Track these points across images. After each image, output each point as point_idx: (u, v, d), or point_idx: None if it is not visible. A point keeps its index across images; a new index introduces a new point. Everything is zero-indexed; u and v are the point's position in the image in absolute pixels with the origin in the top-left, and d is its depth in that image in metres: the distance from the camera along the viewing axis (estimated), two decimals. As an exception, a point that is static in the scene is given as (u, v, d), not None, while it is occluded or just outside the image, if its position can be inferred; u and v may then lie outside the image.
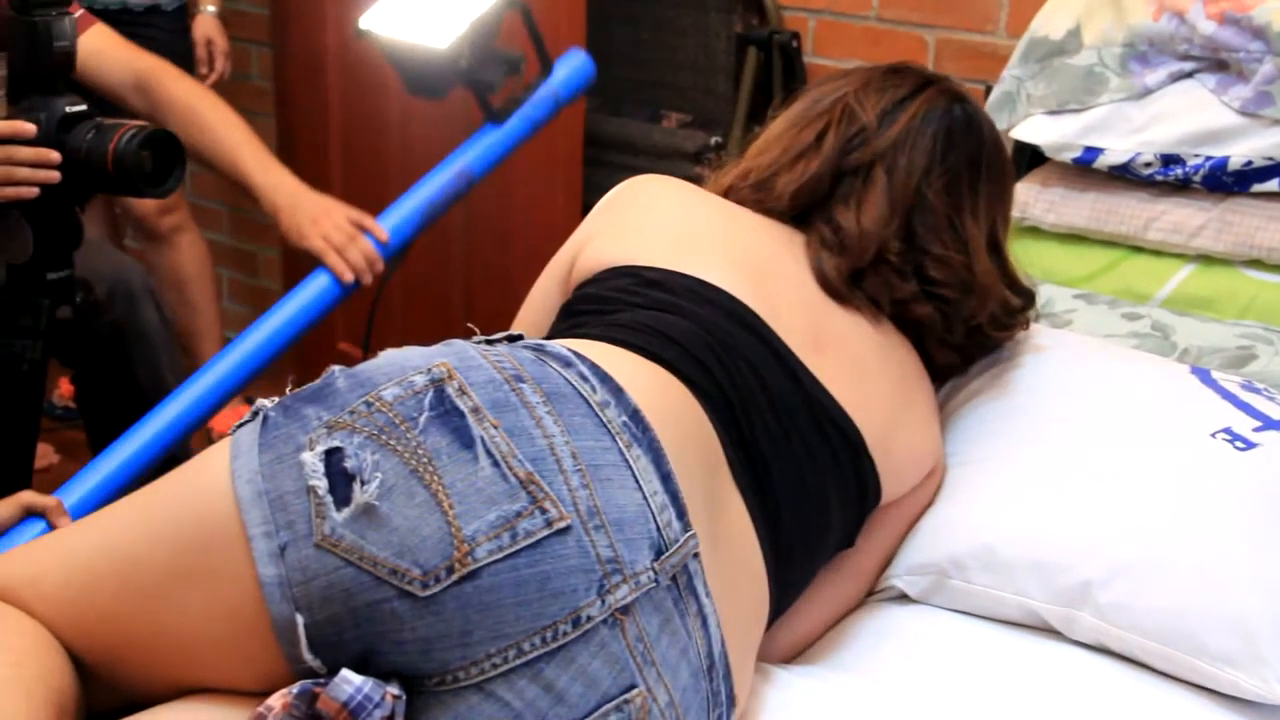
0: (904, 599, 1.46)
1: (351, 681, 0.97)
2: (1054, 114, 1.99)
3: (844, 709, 1.26)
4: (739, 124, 2.57)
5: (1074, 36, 2.00)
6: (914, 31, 2.44)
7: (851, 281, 1.43)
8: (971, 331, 1.52)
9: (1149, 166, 1.90)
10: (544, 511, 1.01)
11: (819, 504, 1.31)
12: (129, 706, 1.06)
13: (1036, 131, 1.98)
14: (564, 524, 1.01)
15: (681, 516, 1.09)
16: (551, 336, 1.34)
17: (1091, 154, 1.93)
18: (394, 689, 0.98)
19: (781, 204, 1.47)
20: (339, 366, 1.12)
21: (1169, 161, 1.88)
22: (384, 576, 0.98)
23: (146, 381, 2.26)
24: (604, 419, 1.09)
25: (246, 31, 3.37)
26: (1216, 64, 1.89)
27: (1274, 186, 1.84)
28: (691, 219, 1.44)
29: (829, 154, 1.46)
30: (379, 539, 0.99)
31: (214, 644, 1.03)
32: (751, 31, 2.60)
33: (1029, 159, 2.10)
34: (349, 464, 1.01)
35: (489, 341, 1.20)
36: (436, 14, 1.90)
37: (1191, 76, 1.91)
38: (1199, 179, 1.87)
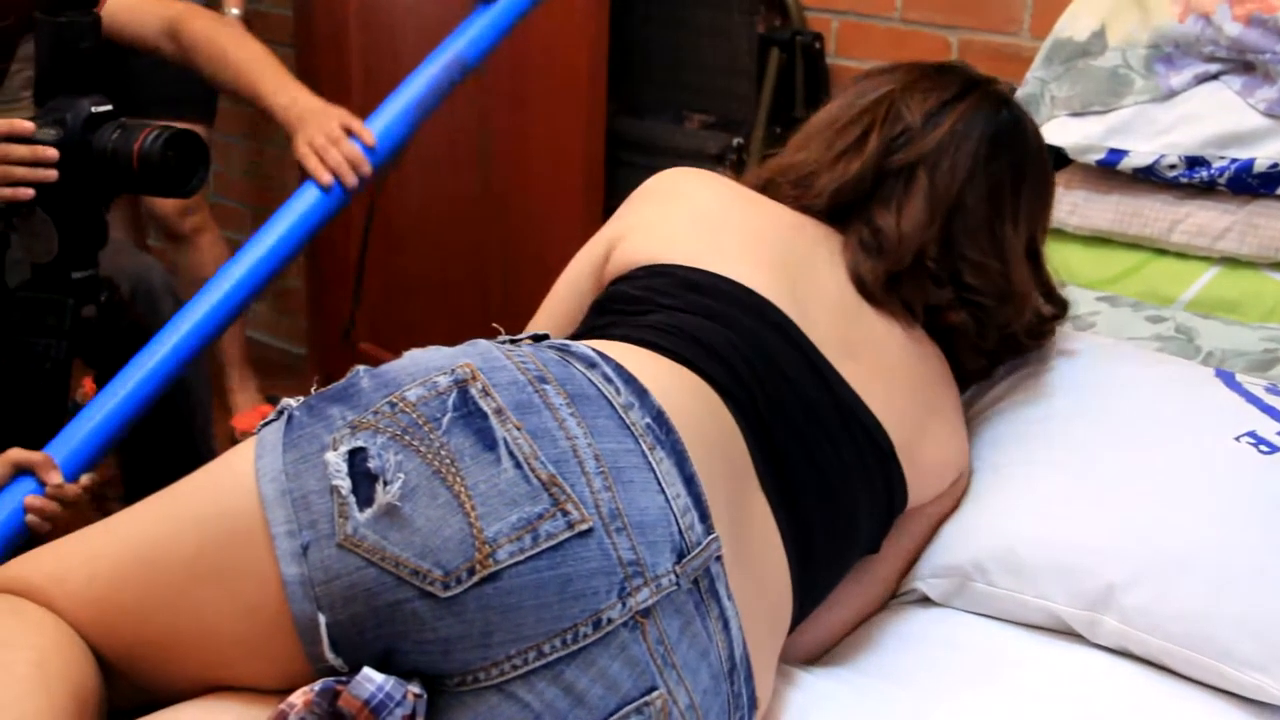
0: (926, 602, 1.46)
1: (373, 680, 0.97)
2: (1078, 116, 1.98)
3: (866, 711, 1.26)
4: (761, 125, 2.57)
5: (1098, 38, 1.99)
6: (937, 33, 2.43)
7: (887, 285, 1.42)
8: (1004, 339, 1.51)
9: (1174, 169, 1.89)
10: (566, 514, 1.01)
11: (847, 511, 1.31)
12: (151, 704, 1.06)
13: (1060, 133, 1.97)
14: (585, 526, 1.01)
15: (704, 519, 1.08)
16: (581, 334, 1.34)
17: (1116, 156, 1.92)
18: (415, 688, 0.99)
19: (821, 203, 1.45)
20: (364, 366, 1.12)
21: (1194, 164, 1.87)
22: (405, 577, 0.98)
23: None
24: (627, 421, 1.08)
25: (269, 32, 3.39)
26: (1243, 66, 1.88)
27: (1300, 189, 1.83)
28: (729, 216, 1.42)
29: (871, 154, 1.44)
30: (401, 539, 0.99)
31: (236, 642, 1.03)
32: (774, 32, 2.59)
33: (1053, 161, 2.09)
34: (372, 464, 1.01)
35: (514, 341, 1.19)
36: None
37: (1217, 78, 1.90)
38: (1224, 181, 1.86)
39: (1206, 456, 1.43)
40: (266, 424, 1.10)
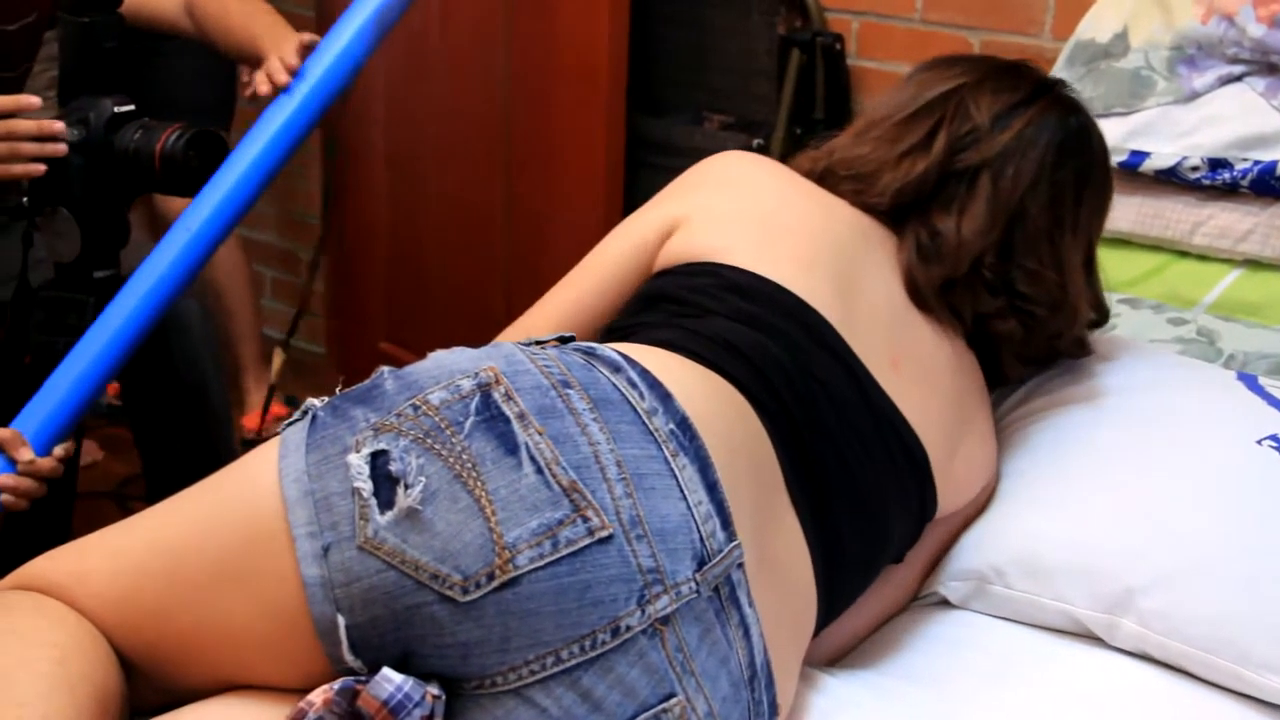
0: (946, 605, 1.46)
1: (392, 680, 0.97)
2: (1100, 117, 1.96)
3: (887, 713, 1.26)
4: (781, 126, 2.56)
5: (1121, 39, 1.98)
6: (958, 34, 2.43)
7: (940, 291, 1.40)
8: (1050, 349, 1.50)
9: (1196, 170, 1.88)
10: (586, 520, 1.01)
11: (878, 521, 1.30)
12: (171, 703, 1.07)
13: (1082, 135, 1.97)
14: (606, 533, 1.01)
15: (726, 526, 1.08)
16: (616, 328, 1.33)
17: (1138, 158, 1.92)
18: (434, 689, 0.99)
19: (883, 203, 1.43)
20: (388, 367, 1.12)
21: (1216, 165, 1.87)
22: (425, 581, 0.98)
23: (187, 376, 2.28)
24: (650, 426, 1.08)
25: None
26: (1266, 67, 1.87)
27: (1323, 192, 1.82)
28: (789, 213, 1.39)
29: (938, 154, 1.42)
30: (421, 543, 0.99)
31: (256, 642, 1.03)
32: (794, 33, 2.59)
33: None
34: (394, 467, 1.01)
35: (539, 343, 1.19)
36: None
37: (1240, 80, 1.89)
38: (1247, 183, 1.85)
39: (1227, 460, 1.42)
40: (291, 424, 1.10)
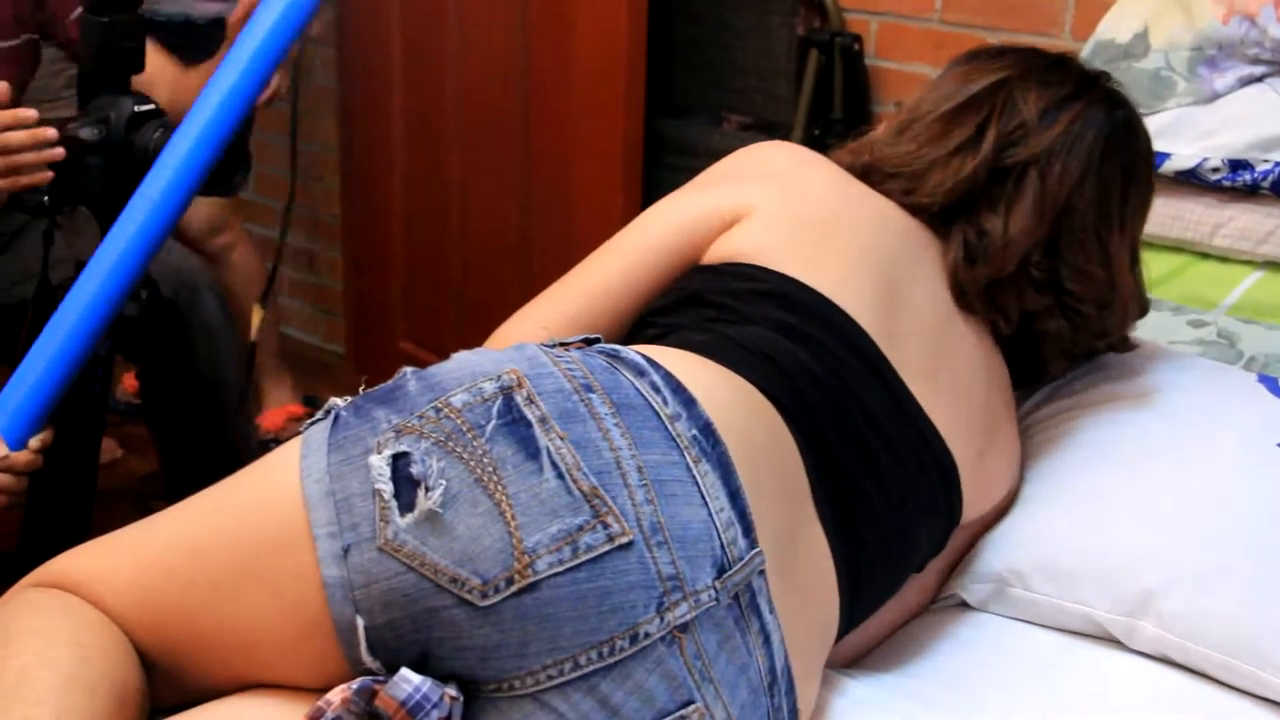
0: (964, 607, 1.45)
1: (410, 681, 0.97)
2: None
3: (906, 715, 1.25)
4: (800, 127, 2.56)
5: (1141, 40, 1.98)
6: (978, 34, 2.42)
7: (986, 291, 1.39)
8: (1098, 346, 1.49)
9: (1216, 172, 1.87)
10: (606, 526, 1.00)
11: (906, 535, 1.30)
12: (189, 701, 1.07)
13: (1102, 136, 1.96)
14: (626, 539, 1.00)
15: (748, 533, 1.07)
16: (651, 326, 1.32)
17: (1158, 159, 1.91)
18: (452, 690, 0.99)
19: (934, 203, 1.41)
20: (411, 368, 1.12)
21: (1237, 167, 1.86)
22: (444, 584, 0.98)
23: (208, 374, 2.29)
24: (673, 432, 1.07)
25: None
26: (1287, 68, 1.87)
27: (1345, 193, 1.82)
28: (838, 216, 1.37)
29: (988, 152, 1.40)
30: (440, 546, 0.99)
31: (276, 641, 1.04)
32: (813, 33, 2.58)
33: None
34: (415, 469, 1.01)
35: (563, 344, 1.18)
36: None
37: (1261, 81, 1.89)
38: (1268, 185, 1.84)
39: (1248, 462, 1.42)
40: (314, 423, 1.10)
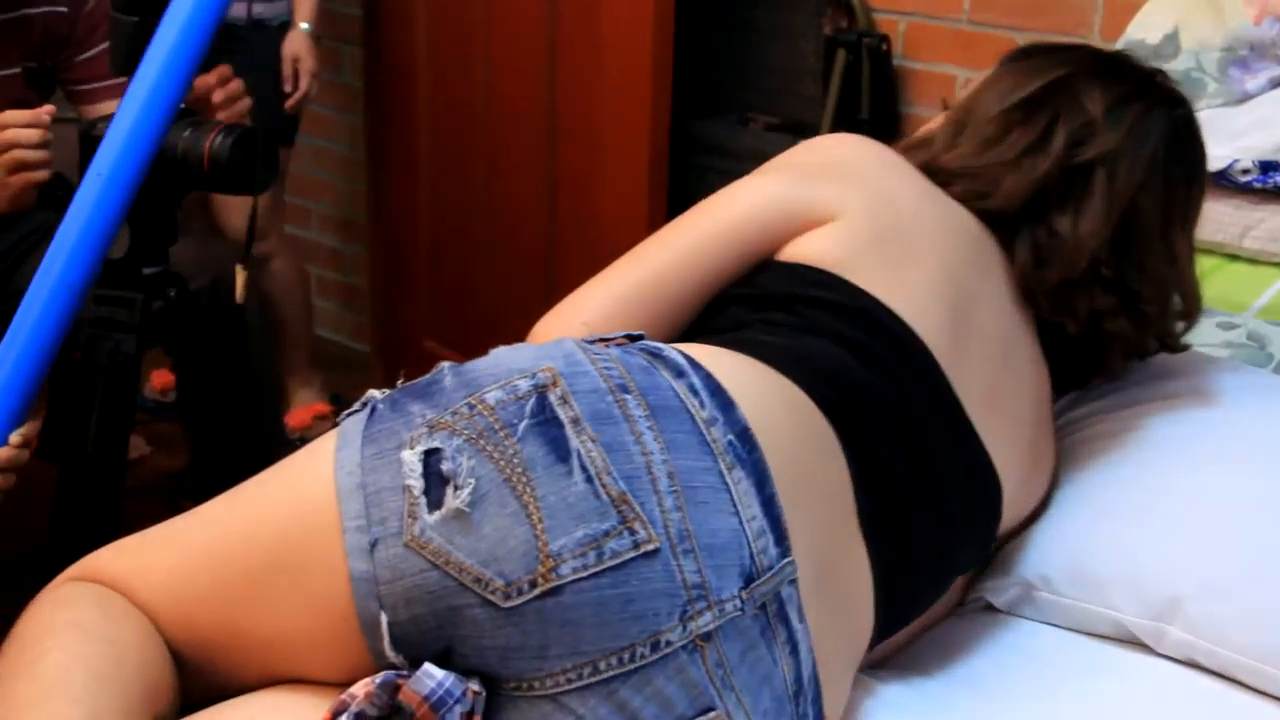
0: (991, 609, 1.45)
1: (434, 676, 0.97)
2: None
3: (931, 717, 1.25)
4: (827, 127, 2.56)
5: (1171, 40, 1.97)
6: (1006, 34, 2.41)
7: (1056, 294, 1.38)
8: (1157, 345, 1.49)
9: (1247, 174, 1.86)
10: (633, 532, 0.99)
11: (947, 554, 1.30)
12: (216, 697, 1.08)
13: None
14: (652, 547, 0.99)
15: (780, 542, 1.06)
16: (720, 317, 1.30)
17: (1187, 160, 1.90)
18: (475, 685, 0.99)
19: (1007, 208, 1.39)
20: (449, 363, 1.11)
21: (1267, 169, 1.85)
22: (468, 584, 0.98)
23: (243, 371, 2.31)
24: (708, 437, 1.05)
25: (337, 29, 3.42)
26: (1319, 70, 1.86)
27: (1376, 195, 1.80)
28: (918, 226, 1.34)
29: (1059, 152, 1.38)
30: (466, 545, 0.99)
31: (305, 635, 1.04)
32: (841, 34, 2.58)
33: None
34: (445, 466, 1.01)
35: (604, 340, 1.16)
36: None
37: (1293, 82, 1.88)
38: (1298, 187, 1.83)
39: (1276, 468, 1.41)
40: (350, 414, 1.10)
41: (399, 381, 1.12)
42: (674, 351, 1.13)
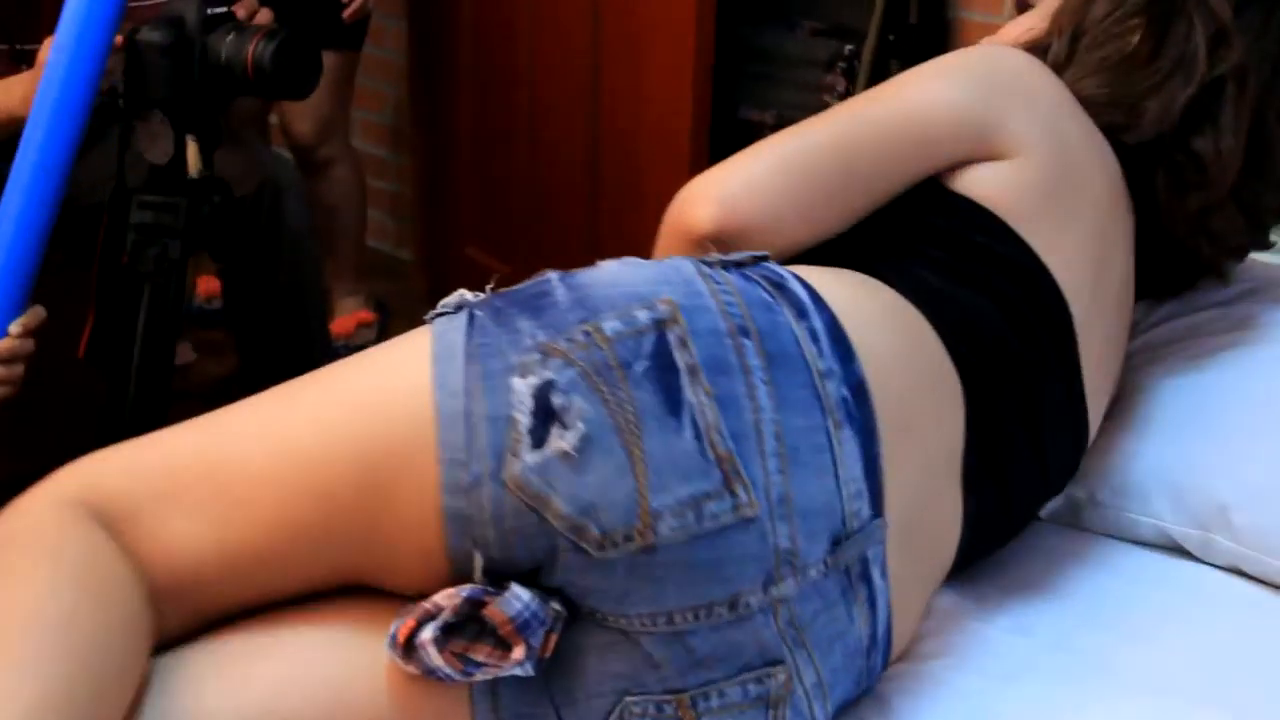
0: (1036, 519, 1.44)
1: (521, 598, 0.95)
2: None
3: (979, 623, 1.25)
4: (874, 33, 2.52)
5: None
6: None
7: (1198, 221, 1.32)
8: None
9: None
10: (734, 496, 0.96)
11: (1037, 508, 1.32)
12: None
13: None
14: (751, 513, 0.97)
15: (874, 503, 1.04)
16: (870, 235, 1.23)
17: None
18: (557, 604, 0.97)
19: (1148, 134, 1.29)
20: (556, 273, 1.04)
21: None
22: (563, 530, 0.95)
23: (289, 277, 2.31)
24: (821, 393, 1.01)
25: None
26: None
27: None
28: (1081, 175, 1.27)
29: (1202, 68, 1.27)
30: (566, 491, 0.94)
31: (382, 557, 1.00)
32: (890, -63, 2.53)
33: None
34: (558, 401, 0.95)
35: (724, 265, 1.07)
36: None
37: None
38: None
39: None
40: (440, 315, 1.02)
41: (490, 286, 1.05)
42: (798, 283, 1.07)
